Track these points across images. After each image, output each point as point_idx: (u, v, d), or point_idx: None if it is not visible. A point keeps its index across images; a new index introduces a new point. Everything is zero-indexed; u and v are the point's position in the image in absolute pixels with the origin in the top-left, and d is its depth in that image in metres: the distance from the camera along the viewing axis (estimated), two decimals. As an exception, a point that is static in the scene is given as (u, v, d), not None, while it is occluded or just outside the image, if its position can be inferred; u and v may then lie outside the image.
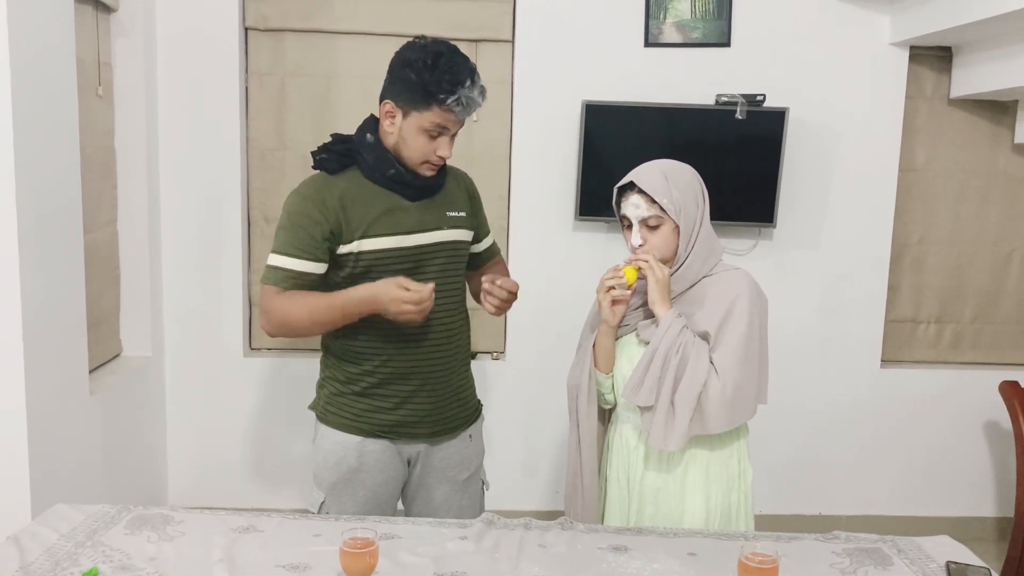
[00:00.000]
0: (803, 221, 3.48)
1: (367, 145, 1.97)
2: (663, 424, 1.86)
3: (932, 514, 3.68)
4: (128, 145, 3.17)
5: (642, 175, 1.92)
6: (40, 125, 2.33)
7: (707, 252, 1.96)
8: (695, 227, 1.93)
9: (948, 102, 3.52)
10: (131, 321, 3.26)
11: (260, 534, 1.77)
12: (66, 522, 1.78)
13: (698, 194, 1.95)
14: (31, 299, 2.30)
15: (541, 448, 3.58)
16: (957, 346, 3.70)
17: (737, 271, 1.97)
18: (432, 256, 2.03)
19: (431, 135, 1.92)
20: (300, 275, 1.94)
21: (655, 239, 1.92)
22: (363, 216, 1.94)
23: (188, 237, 3.37)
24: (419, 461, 2.13)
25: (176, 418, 3.49)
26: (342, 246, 1.95)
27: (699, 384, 1.84)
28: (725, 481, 1.96)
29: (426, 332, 2.03)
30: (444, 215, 2.05)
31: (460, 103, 1.88)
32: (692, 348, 1.86)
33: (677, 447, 1.86)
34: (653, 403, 1.86)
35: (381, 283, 1.88)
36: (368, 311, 1.91)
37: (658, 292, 1.89)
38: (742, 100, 3.24)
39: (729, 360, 1.85)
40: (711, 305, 1.91)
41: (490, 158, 3.46)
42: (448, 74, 1.86)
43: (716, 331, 1.88)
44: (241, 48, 3.33)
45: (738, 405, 1.86)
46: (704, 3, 3.33)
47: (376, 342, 2.01)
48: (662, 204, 1.89)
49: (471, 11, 3.35)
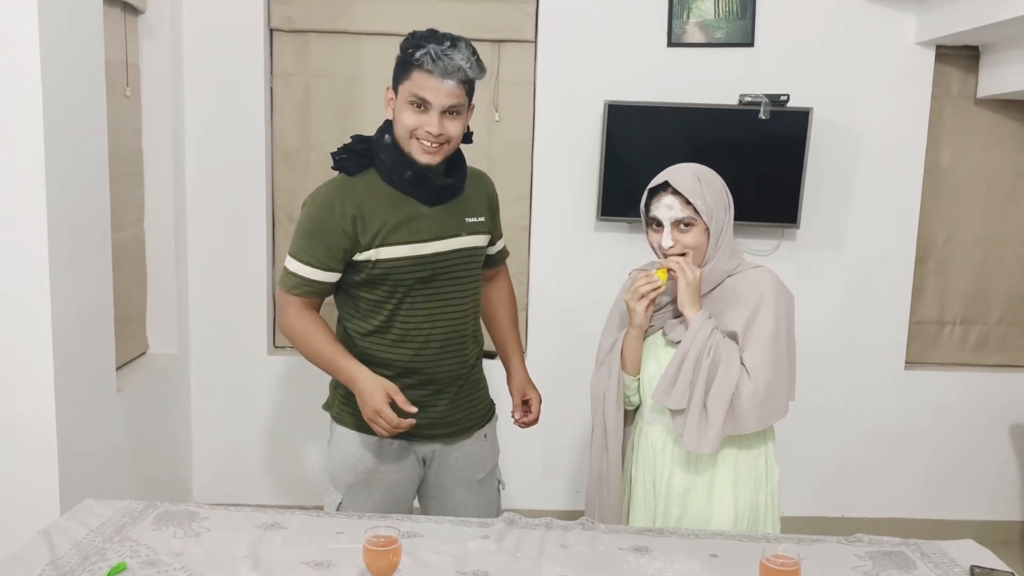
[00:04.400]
0: (827, 222, 3.46)
1: (384, 146, 1.97)
2: (696, 426, 1.86)
3: (956, 517, 3.64)
4: (155, 145, 3.21)
5: (677, 176, 1.92)
6: (70, 126, 2.37)
7: (732, 252, 1.97)
8: (723, 229, 1.94)
9: (975, 102, 3.49)
10: (157, 319, 3.31)
11: (284, 531, 1.79)
12: (95, 517, 1.81)
13: (726, 197, 1.97)
14: (60, 297, 2.33)
15: (561, 448, 3.58)
16: (983, 348, 3.67)
17: (760, 268, 1.98)
18: (449, 262, 2.02)
19: (415, 107, 1.89)
20: (313, 283, 1.98)
21: (686, 240, 1.93)
22: (381, 224, 1.94)
23: (214, 236, 3.40)
24: (435, 461, 2.13)
25: (201, 415, 3.53)
26: (359, 253, 1.95)
27: (732, 385, 1.84)
28: (753, 481, 1.96)
29: (442, 337, 2.04)
30: (463, 221, 2.05)
31: (431, 57, 1.84)
32: (723, 349, 1.86)
33: (712, 449, 1.86)
34: (685, 406, 1.86)
35: (372, 383, 1.92)
36: (352, 390, 1.96)
37: (688, 294, 1.89)
38: (766, 100, 3.23)
39: (760, 360, 1.85)
40: (737, 305, 1.92)
41: (512, 158, 3.46)
42: (424, 36, 1.89)
43: (744, 331, 1.88)
44: (266, 49, 3.36)
45: (771, 404, 1.86)
46: (728, 3, 3.32)
47: (393, 348, 2.02)
48: (696, 205, 1.90)
49: (494, 12, 3.36)
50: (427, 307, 2.01)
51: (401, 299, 1.99)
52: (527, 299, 3.53)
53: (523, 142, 3.46)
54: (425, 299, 2.00)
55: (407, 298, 1.99)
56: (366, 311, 2.02)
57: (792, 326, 1.95)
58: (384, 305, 2.00)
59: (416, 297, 2.00)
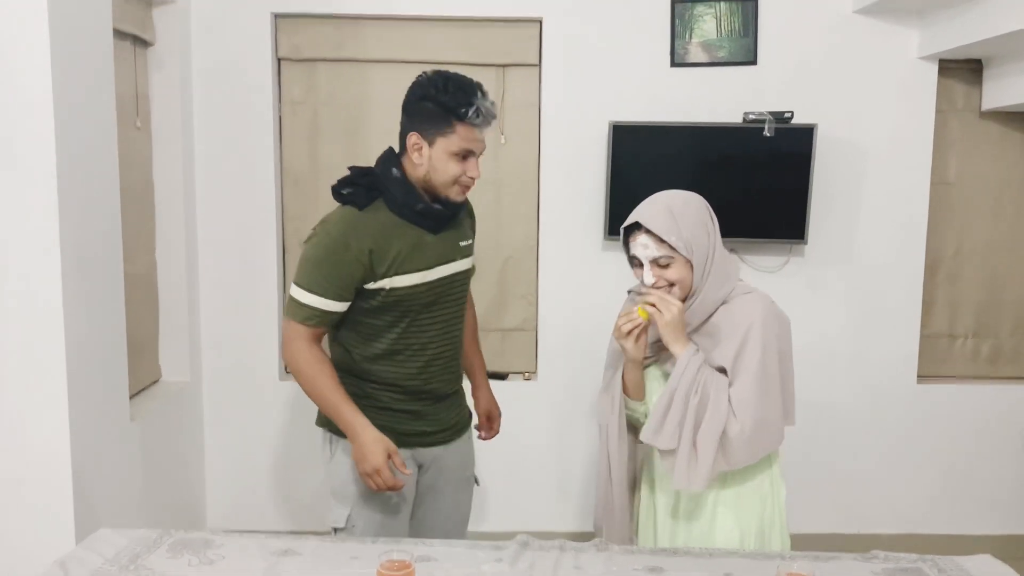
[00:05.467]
0: (835, 237, 3.46)
1: (394, 180, 2.04)
2: (686, 465, 1.84)
3: (974, 532, 3.61)
4: (166, 175, 3.24)
5: (647, 215, 1.88)
6: (82, 157, 2.40)
7: (723, 279, 1.91)
8: (708, 258, 1.89)
9: (980, 115, 3.49)
10: (170, 347, 3.33)
11: (298, 557, 1.79)
12: (110, 546, 1.82)
13: (707, 223, 1.91)
14: (74, 327, 2.35)
15: (574, 469, 3.57)
16: (995, 360, 3.65)
17: (751, 295, 1.91)
18: (449, 286, 2.12)
19: (460, 158, 1.99)
20: (326, 314, 2.02)
21: (668, 275, 1.89)
22: (393, 255, 2.01)
23: (225, 264, 3.43)
24: (433, 464, 2.22)
25: (214, 442, 3.54)
26: (371, 283, 2.01)
27: (720, 423, 1.81)
28: (757, 500, 1.94)
29: (444, 355, 2.16)
30: (457, 245, 2.15)
31: (479, 113, 1.96)
32: (711, 388, 1.83)
33: (702, 487, 1.84)
34: (675, 446, 1.84)
35: (374, 440, 1.99)
36: (351, 440, 2.03)
37: (670, 333, 1.86)
38: (770, 118, 3.24)
39: (747, 396, 1.82)
40: (725, 338, 1.87)
41: (519, 180, 3.48)
42: (460, 90, 1.97)
43: (731, 365, 1.85)
44: (274, 78, 3.40)
45: (760, 439, 1.84)
46: (730, 22, 3.35)
47: (399, 368, 2.11)
48: (671, 243, 1.86)
49: (498, 37, 3.39)
50: (431, 329, 2.11)
51: (409, 323, 2.07)
52: (536, 319, 3.54)
53: (529, 164, 3.48)
54: (430, 322, 2.10)
55: (414, 322, 2.08)
56: (370, 335, 2.09)
57: (787, 351, 1.91)
58: (392, 329, 2.07)
59: (422, 321, 2.09)
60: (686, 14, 3.33)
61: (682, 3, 3.32)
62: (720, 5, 3.33)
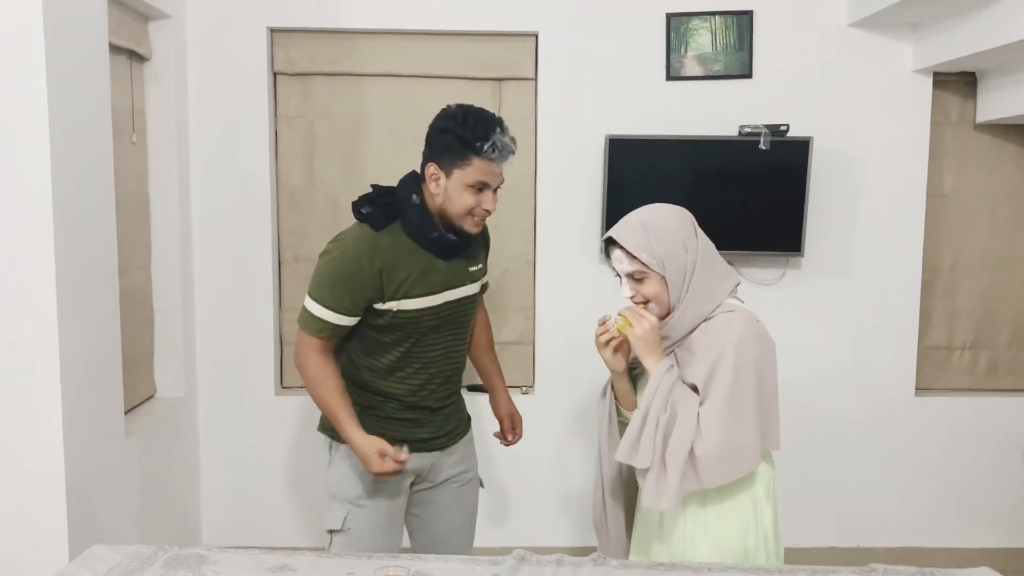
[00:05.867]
0: (831, 249, 3.47)
1: (413, 206, 2.10)
2: (655, 483, 1.81)
3: (972, 545, 3.60)
4: (161, 190, 3.24)
5: (620, 230, 1.91)
6: (77, 172, 2.40)
7: (704, 297, 1.88)
8: (685, 275, 1.87)
9: (974, 127, 3.51)
10: (165, 362, 3.31)
11: (294, 573, 1.77)
12: (103, 563, 1.80)
13: (687, 239, 1.89)
14: (69, 342, 2.34)
15: (572, 483, 3.55)
16: (993, 372, 3.64)
17: (732, 315, 1.87)
18: (455, 310, 2.19)
19: (475, 190, 2.05)
20: (337, 327, 2.12)
21: (644, 291, 1.90)
22: (402, 277, 2.08)
23: (220, 278, 3.42)
24: (431, 469, 2.28)
25: (209, 457, 3.52)
26: (380, 304, 2.08)
27: (688, 441, 1.78)
28: (739, 525, 1.89)
29: (447, 373, 2.25)
30: (467, 271, 2.21)
31: (495, 147, 2.03)
32: (680, 404, 1.81)
33: (671, 506, 1.81)
34: (650, 464, 1.82)
35: (366, 441, 2.08)
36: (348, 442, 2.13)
37: (642, 347, 1.86)
38: (765, 131, 3.25)
39: (714, 416, 1.79)
40: (700, 356, 1.86)
41: (515, 193, 3.48)
42: (479, 124, 2.04)
43: (704, 384, 1.83)
44: (270, 93, 3.40)
45: (729, 461, 1.80)
46: (725, 36, 3.36)
47: (401, 384, 2.18)
48: (642, 259, 1.86)
49: (494, 51, 3.40)
50: (434, 350, 2.19)
51: (414, 344, 2.15)
52: (534, 333, 3.53)
53: (526, 177, 3.48)
54: (434, 342, 2.17)
55: (419, 343, 2.15)
56: (375, 349, 2.17)
57: (766, 374, 1.85)
58: (396, 347, 2.15)
59: (427, 341, 2.16)
60: (681, 28, 3.34)
61: (677, 17, 3.34)
62: (715, 19, 3.34)
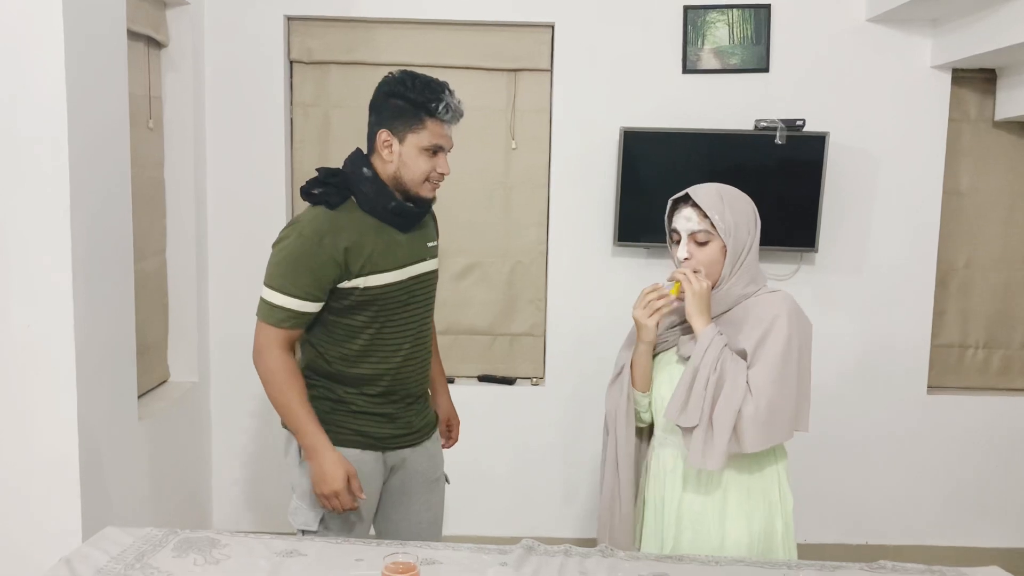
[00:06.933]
0: (845, 246, 3.45)
1: (366, 179, 2.05)
2: (702, 443, 1.84)
3: (981, 544, 3.58)
4: (177, 176, 3.26)
5: (699, 190, 1.95)
6: (94, 157, 2.41)
7: (750, 279, 1.95)
8: (743, 252, 1.93)
9: (993, 124, 3.48)
10: (179, 348, 3.34)
11: (303, 558, 1.79)
12: (116, 544, 1.82)
13: (751, 221, 1.96)
14: (83, 327, 2.36)
15: (580, 474, 3.56)
16: (1007, 372, 3.62)
17: (778, 293, 1.96)
18: (419, 286, 2.14)
19: (430, 153, 2.02)
20: (301, 315, 2.02)
21: (702, 255, 1.93)
22: (366, 253, 2.02)
23: (235, 265, 3.44)
24: (402, 466, 2.23)
25: (221, 442, 3.54)
26: (347, 281, 2.02)
27: (737, 402, 1.82)
28: (767, 507, 1.94)
29: (417, 355, 2.17)
30: (425, 246, 2.17)
31: (448, 109, 2.00)
32: (730, 365, 1.85)
33: (717, 466, 1.84)
34: (698, 423, 1.85)
35: (335, 463, 2.02)
36: (310, 458, 2.05)
37: (695, 304, 1.89)
38: (781, 125, 3.23)
39: (764, 378, 1.83)
40: (750, 325, 1.90)
41: (529, 185, 3.49)
42: (428, 87, 2.01)
43: (753, 349, 1.87)
44: (286, 81, 3.41)
45: (773, 424, 1.84)
46: (742, 29, 3.34)
47: (374, 368, 2.11)
48: (713, 220, 1.90)
49: (510, 42, 3.40)
50: (405, 329, 2.12)
51: (383, 323, 2.08)
52: (545, 325, 3.54)
53: (540, 169, 3.48)
54: (403, 321, 2.12)
55: (388, 322, 2.09)
56: (342, 337, 2.09)
57: (807, 353, 1.92)
58: (366, 329, 2.08)
59: (396, 320, 2.10)
60: (698, 21, 3.33)
61: (695, 10, 3.32)
62: (733, 12, 3.32)
